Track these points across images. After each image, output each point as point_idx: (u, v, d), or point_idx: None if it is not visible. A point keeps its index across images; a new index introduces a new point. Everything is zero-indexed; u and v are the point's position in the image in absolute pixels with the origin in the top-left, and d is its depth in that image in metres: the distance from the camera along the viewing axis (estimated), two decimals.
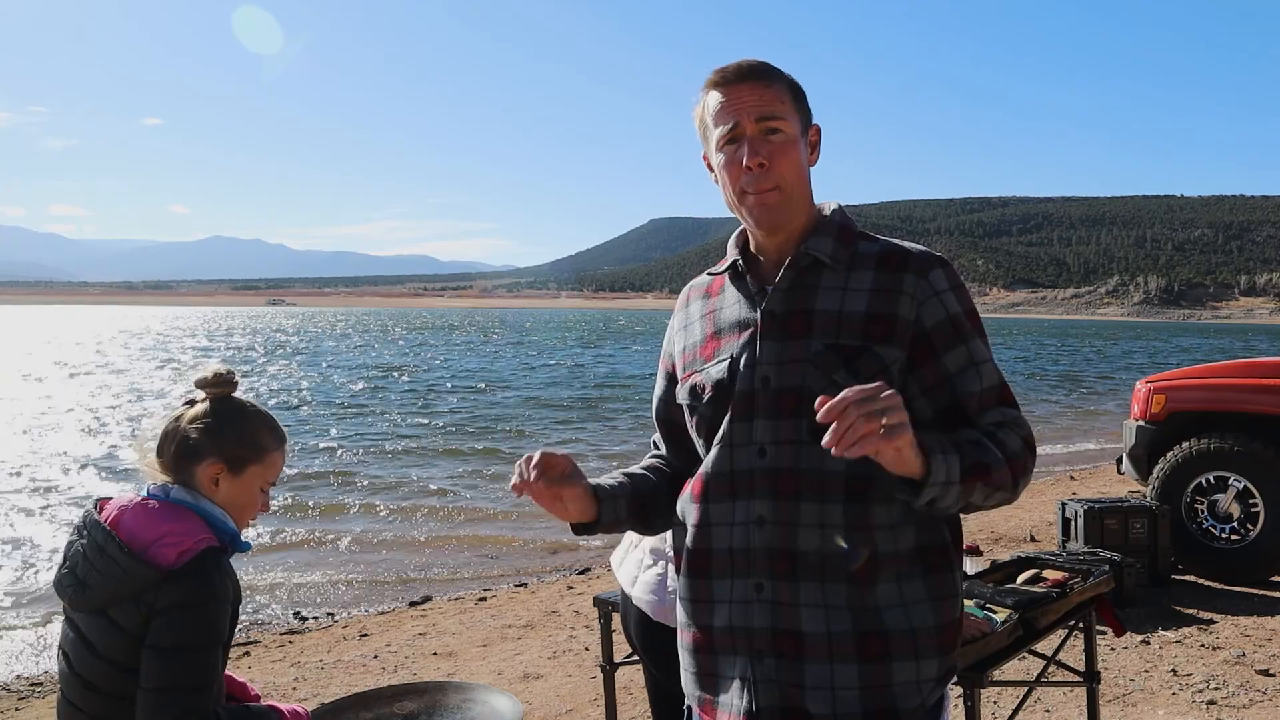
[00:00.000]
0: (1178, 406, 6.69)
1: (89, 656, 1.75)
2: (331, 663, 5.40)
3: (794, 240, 1.61)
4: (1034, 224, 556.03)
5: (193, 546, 1.76)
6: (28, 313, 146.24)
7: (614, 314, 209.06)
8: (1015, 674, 4.28)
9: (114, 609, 1.74)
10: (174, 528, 1.77)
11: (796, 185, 1.58)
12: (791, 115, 1.57)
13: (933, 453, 1.34)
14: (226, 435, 1.88)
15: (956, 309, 1.55)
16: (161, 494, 1.85)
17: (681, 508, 1.67)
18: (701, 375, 1.63)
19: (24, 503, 10.27)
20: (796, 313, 1.56)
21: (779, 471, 1.51)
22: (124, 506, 1.82)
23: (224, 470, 1.87)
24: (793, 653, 1.49)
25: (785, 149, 1.55)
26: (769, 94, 1.56)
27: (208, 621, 1.73)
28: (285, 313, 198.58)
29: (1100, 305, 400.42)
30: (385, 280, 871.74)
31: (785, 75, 1.60)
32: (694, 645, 1.62)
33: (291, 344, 52.89)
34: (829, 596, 1.48)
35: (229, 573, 1.81)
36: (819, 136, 1.64)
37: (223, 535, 1.85)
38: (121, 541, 1.74)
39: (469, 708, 2.00)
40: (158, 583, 1.72)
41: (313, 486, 11.49)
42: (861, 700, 1.47)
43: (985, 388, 1.53)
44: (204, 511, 1.84)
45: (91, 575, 1.74)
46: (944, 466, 1.35)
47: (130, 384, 26.17)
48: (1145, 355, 51.06)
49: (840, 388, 1.48)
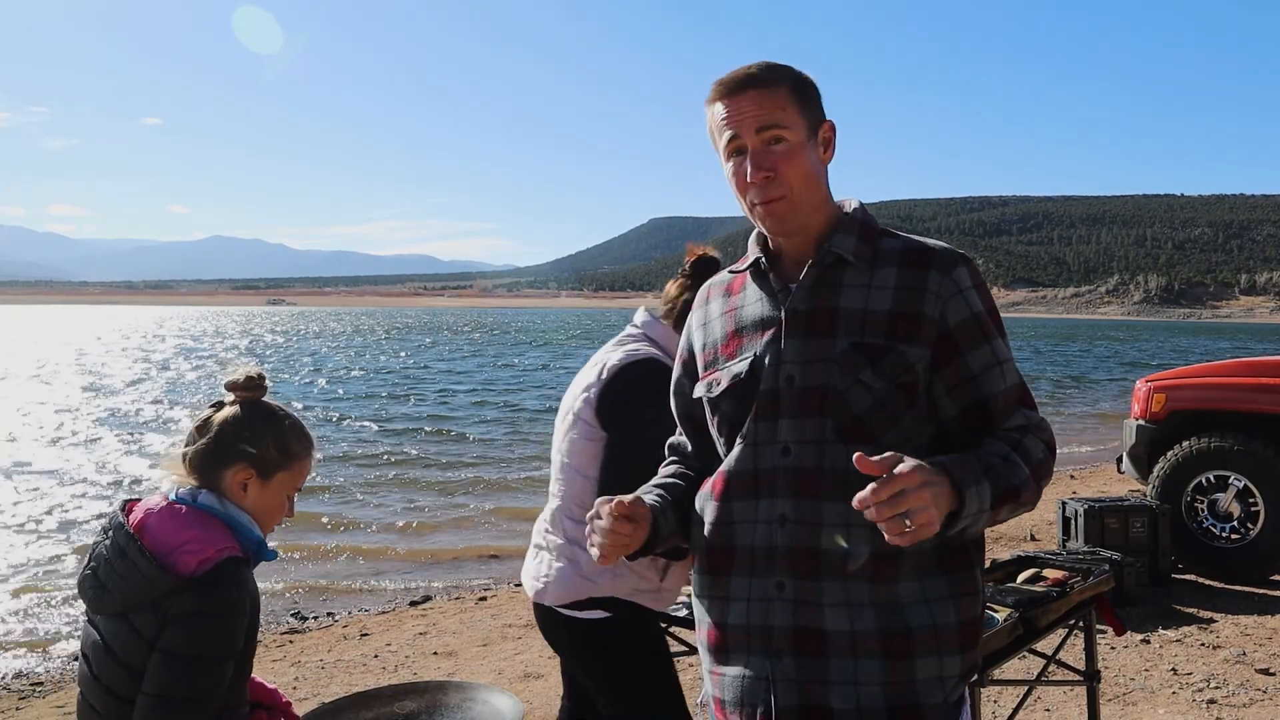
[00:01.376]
0: (1178, 405, 6.69)
1: (108, 660, 1.73)
2: (332, 662, 5.40)
3: (814, 238, 1.60)
4: (1034, 223, 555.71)
5: (214, 555, 1.73)
6: (28, 312, 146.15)
7: (608, 313, 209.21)
8: (1015, 673, 4.28)
9: (134, 614, 1.71)
10: (196, 535, 1.74)
11: (805, 189, 1.56)
12: (795, 120, 1.55)
13: (965, 486, 1.35)
14: (257, 441, 1.84)
15: (980, 307, 1.55)
16: (189, 498, 1.81)
17: (700, 505, 1.66)
18: (724, 373, 1.63)
19: (30, 508, 10.27)
20: (821, 311, 1.55)
21: (802, 471, 1.51)
22: (150, 510, 1.79)
23: (254, 476, 1.84)
24: (814, 651, 1.49)
25: (790, 156, 1.54)
26: (770, 102, 1.54)
27: (220, 633, 1.70)
28: (286, 312, 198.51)
29: (1100, 304, 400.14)
30: (385, 280, 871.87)
31: (790, 75, 1.58)
32: (710, 643, 1.62)
33: (293, 344, 52.89)
34: (852, 595, 1.48)
35: (249, 584, 1.78)
36: (832, 133, 1.61)
37: (248, 544, 1.82)
38: (143, 546, 1.71)
39: (469, 707, 1.99)
40: (176, 590, 1.69)
41: (312, 486, 11.49)
42: (885, 696, 1.47)
43: (1008, 387, 1.54)
44: (230, 519, 1.81)
45: (112, 578, 1.72)
46: (976, 500, 1.36)
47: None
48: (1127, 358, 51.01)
49: (865, 387, 1.48)
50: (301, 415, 2.04)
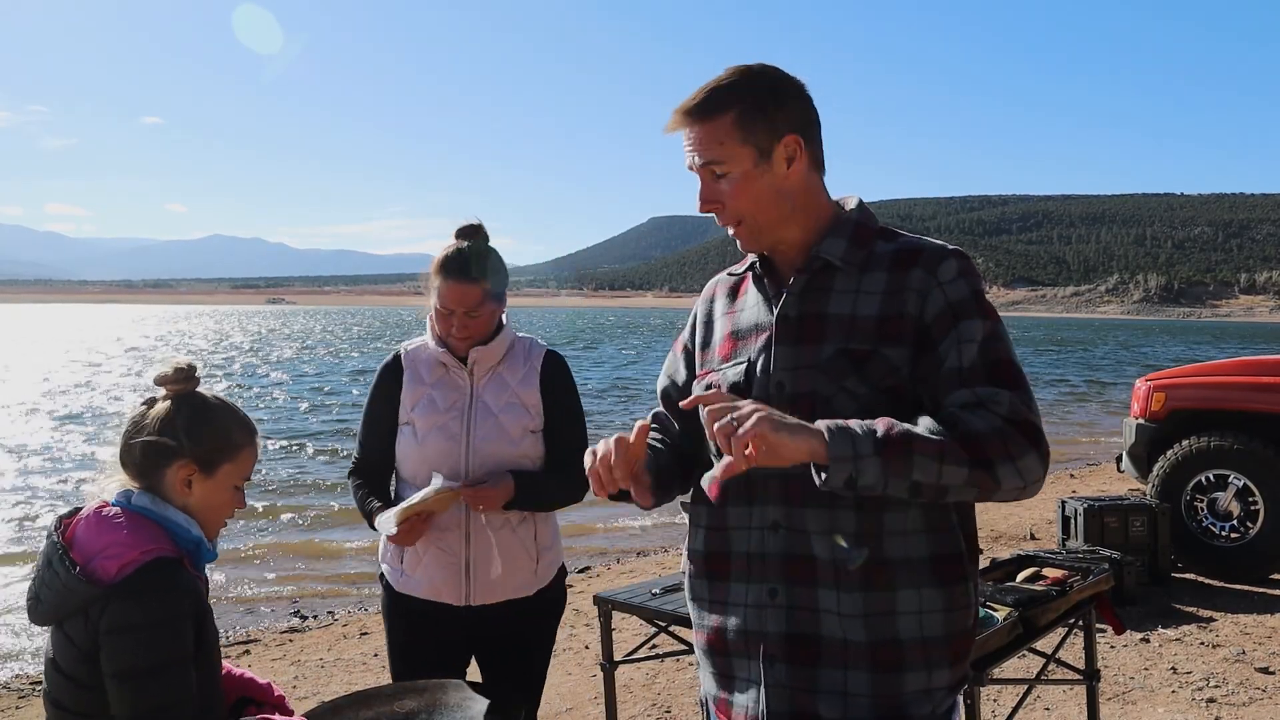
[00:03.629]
0: (1178, 404, 6.69)
1: (54, 672, 1.69)
2: (332, 661, 5.40)
3: (804, 242, 1.60)
4: (1034, 222, 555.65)
5: (137, 559, 1.64)
6: (29, 312, 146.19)
7: (608, 312, 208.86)
8: (1015, 672, 4.27)
9: (67, 624, 1.66)
10: (120, 538, 1.66)
11: (760, 213, 1.56)
12: (735, 151, 1.52)
13: (833, 429, 1.33)
14: (195, 434, 1.77)
15: (958, 295, 1.50)
16: (123, 500, 1.74)
17: (695, 509, 1.67)
18: (718, 376, 1.63)
19: (28, 508, 10.27)
20: (810, 317, 1.55)
21: (790, 477, 1.49)
22: (80, 518, 1.72)
23: (196, 471, 1.77)
24: (805, 658, 1.49)
25: (736, 188, 1.54)
26: (707, 137, 1.53)
27: (161, 640, 1.61)
28: (287, 311, 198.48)
29: (1100, 303, 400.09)
30: (385, 279, 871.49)
31: (735, 100, 1.51)
32: (709, 646, 1.63)
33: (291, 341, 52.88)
34: (844, 604, 1.47)
35: (182, 584, 1.68)
36: (799, 145, 1.55)
37: (184, 544, 1.74)
38: (66, 554, 1.65)
39: (469, 706, 1.99)
40: (100, 598, 1.61)
41: (312, 485, 11.49)
42: (873, 707, 1.47)
43: (965, 365, 1.44)
44: (163, 519, 1.73)
45: (43, 589, 1.67)
46: (848, 441, 1.32)
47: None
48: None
49: (850, 394, 1.47)
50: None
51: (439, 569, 2.45)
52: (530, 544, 2.48)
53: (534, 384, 2.45)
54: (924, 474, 1.34)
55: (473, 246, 2.40)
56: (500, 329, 2.47)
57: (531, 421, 2.45)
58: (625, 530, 9.24)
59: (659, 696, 4.57)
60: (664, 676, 4.81)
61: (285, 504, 10.29)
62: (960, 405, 1.42)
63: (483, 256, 2.39)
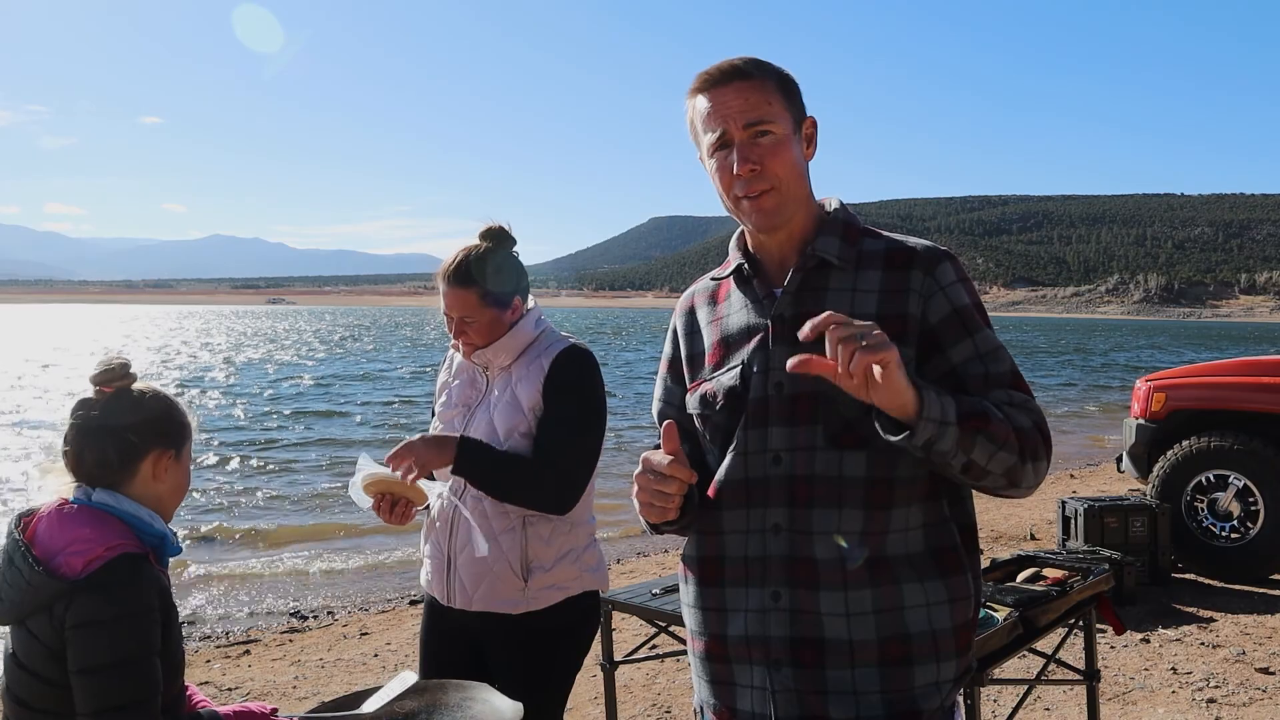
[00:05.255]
0: (1178, 405, 6.69)
1: (16, 669, 1.68)
2: (332, 661, 5.41)
3: (796, 239, 1.59)
4: (1034, 222, 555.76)
5: (103, 554, 1.64)
6: (30, 311, 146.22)
7: (608, 312, 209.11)
8: (1015, 672, 4.28)
9: (30, 621, 1.65)
10: (82, 534, 1.66)
11: (792, 184, 1.55)
12: (781, 114, 1.53)
13: (925, 389, 1.33)
14: (159, 422, 1.80)
15: (963, 302, 1.52)
16: (83, 497, 1.73)
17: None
18: (713, 383, 1.61)
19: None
20: (807, 316, 1.50)
21: (794, 479, 1.49)
22: (41, 515, 1.72)
23: (170, 456, 1.80)
24: (812, 661, 1.48)
25: (777, 150, 1.52)
26: (755, 96, 1.52)
27: (126, 636, 1.61)
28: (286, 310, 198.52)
29: (1100, 304, 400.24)
30: (385, 279, 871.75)
31: (773, 70, 1.56)
32: (707, 653, 1.61)
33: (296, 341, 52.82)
34: (850, 603, 1.47)
35: (150, 579, 1.68)
36: (814, 129, 1.60)
37: (149, 540, 1.74)
38: (28, 551, 1.65)
39: (469, 706, 1.99)
40: (66, 594, 1.61)
41: (311, 485, 11.49)
42: (884, 704, 1.46)
43: (992, 373, 1.50)
44: (127, 514, 1.73)
45: (3, 588, 1.67)
46: (938, 404, 1.32)
47: None
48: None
49: (852, 395, 1.46)
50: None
51: (431, 565, 2.48)
52: (517, 556, 2.34)
53: (536, 383, 2.39)
54: (980, 455, 1.37)
55: (475, 251, 2.40)
56: (514, 329, 2.43)
57: (523, 422, 2.37)
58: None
59: (659, 697, 4.57)
60: (664, 677, 4.81)
61: (285, 503, 10.30)
62: (1002, 403, 1.45)
63: (481, 261, 2.38)
